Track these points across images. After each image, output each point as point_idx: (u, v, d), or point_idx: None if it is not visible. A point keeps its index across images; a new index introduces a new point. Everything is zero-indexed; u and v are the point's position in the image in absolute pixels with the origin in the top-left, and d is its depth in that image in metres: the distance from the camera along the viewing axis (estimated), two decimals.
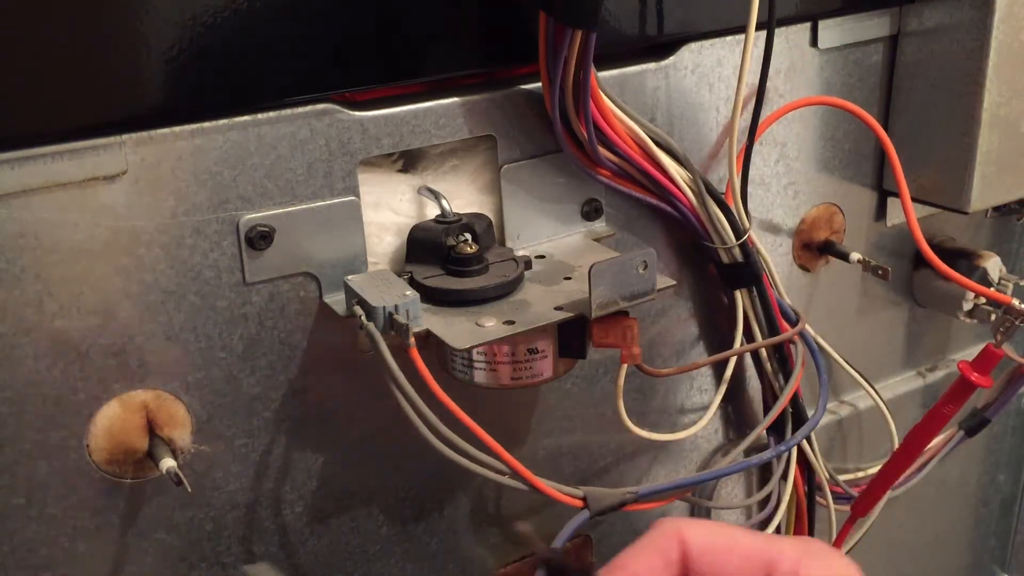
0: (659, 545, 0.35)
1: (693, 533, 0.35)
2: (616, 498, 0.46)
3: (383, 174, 0.50)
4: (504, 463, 0.45)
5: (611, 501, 0.46)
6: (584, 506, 0.46)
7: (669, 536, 0.35)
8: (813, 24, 0.58)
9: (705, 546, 0.35)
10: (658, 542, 0.36)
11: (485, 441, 0.44)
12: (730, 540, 0.35)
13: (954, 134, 0.59)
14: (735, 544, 0.35)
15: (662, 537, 0.36)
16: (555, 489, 0.46)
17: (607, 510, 0.46)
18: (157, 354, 0.46)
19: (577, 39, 0.45)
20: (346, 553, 0.54)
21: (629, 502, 0.45)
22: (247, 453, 0.49)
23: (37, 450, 0.44)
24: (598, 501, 0.46)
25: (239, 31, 0.42)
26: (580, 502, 0.46)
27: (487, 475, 0.45)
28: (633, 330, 0.48)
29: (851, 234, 0.65)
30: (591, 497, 0.46)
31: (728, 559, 0.35)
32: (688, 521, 0.36)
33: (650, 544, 0.36)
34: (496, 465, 0.45)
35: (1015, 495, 0.86)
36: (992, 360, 0.59)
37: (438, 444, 0.44)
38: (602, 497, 0.46)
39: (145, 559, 0.49)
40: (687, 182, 0.53)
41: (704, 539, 0.35)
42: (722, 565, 0.35)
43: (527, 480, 0.45)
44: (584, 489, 0.46)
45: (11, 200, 0.41)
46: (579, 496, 0.46)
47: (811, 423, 0.57)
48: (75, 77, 0.40)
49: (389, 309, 0.44)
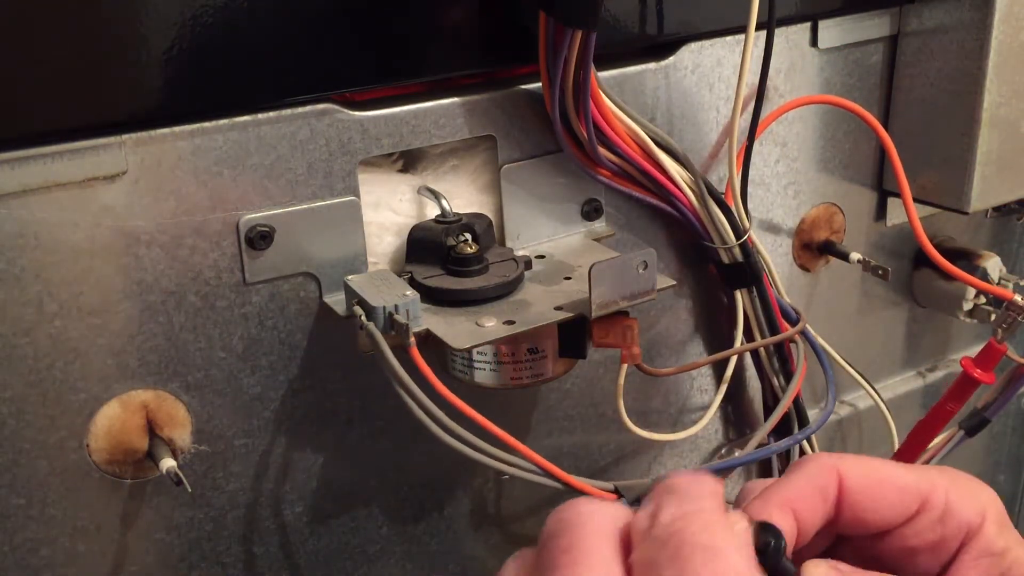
0: (817, 482, 0.34)
1: (850, 469, 0.34)
2: (646, 486, 0.46)
3: (383, 174, 0.50)
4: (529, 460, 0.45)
5: (642, 489, 0.46)
6: (619, 497, 0.46)
7: (827, 472, 0.34)
8: (813, 24, 0.58)
9: (861, 483, 0.34)
10: (816, 478, 0.34)
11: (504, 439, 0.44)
12: (885, 476, 0.34)
13: (954, 134, 0.59)
14: (889, 480, 0.34)
15: (820, 473, 0.34)
16: (587, 484, 0.46)
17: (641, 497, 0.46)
18: (157, 354, 0.46)
19: (577, 39, 0.45)
20: (346, 553, 0.54)
21: None
22: (247, 453, 0.49)
23: (37, 450, 0.44)
24: (631, 491, 0.46)
25: (239, 31, 0.42)
26: (613, 495, 0.47)
27: (515, 473, 0.46)
28: (633, 330, 0.48)
29: (851, 234, 0.65)
30: (623, 488, 0.47)
31: (884, 495, 0.34)
32: (843, 456, 0.35)
33: (808, 480, 0.34)
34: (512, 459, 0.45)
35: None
36: (995, 356, 0.59)
37: (452, 441, 0.44)
38: (633, 487, 0.47)
39: (145, 559, 0.49)
40: (687, 182, 0.53)
41: (860, 476, 0.34)
42: (878, 501, 0.34)
43: (558, 477, 0.46)
44: (615, 482, 0.47)
45: (11, 200, 0.41)
46: (610, 489, 0.47)
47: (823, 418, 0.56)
48: (75, 77, 0.40)
49: (389, 309, 0.44)
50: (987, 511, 0.34)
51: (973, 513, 0.34)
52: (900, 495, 0.34)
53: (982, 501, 0.34)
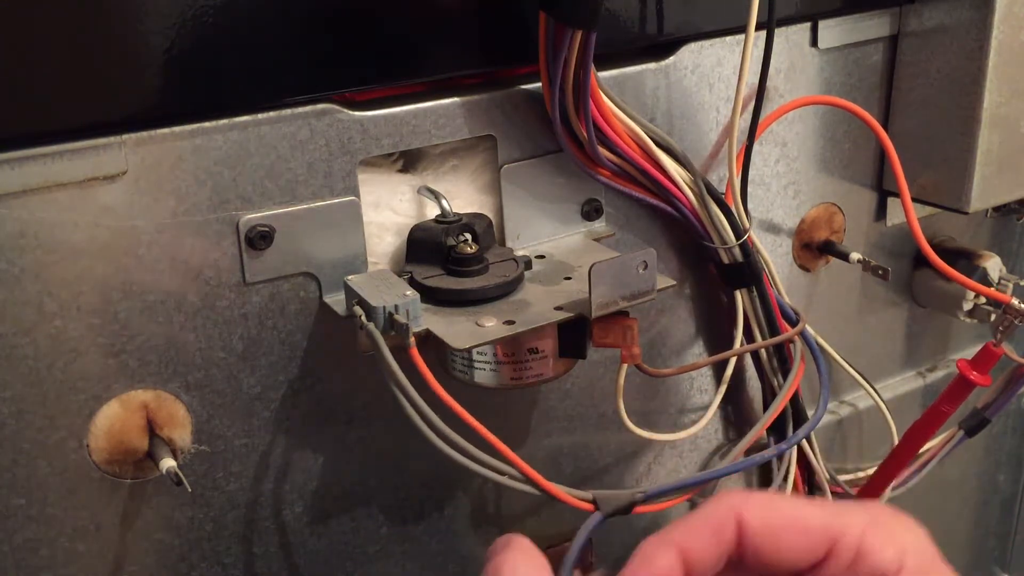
0: (713, 523, 0.33)
1: (751, 511, 0.33)
2: (625, 499, 0.45)
3: (383, 174, 0.50)
4: (513, 465, 0.45)
5: (621, 502, 0.45)
6: (595, 509, 0.46)
7: (725, 513, 0.33)
8: (813, 24, 0.58)
9: (763, 525, 0.33)
10: (712, 519, 0.33)
11: (492, 442, 0.44)
12: (790, 517, 0.33)
13: (954, 134, 0.59)
14: (795, 520, 0.33)
15: (716, 514, 0.33)
16: (565, 492, 0.45)
17: (618, 512, 0.45)
18: (157, 354, 0.46)
19: (577, 39, 0.45)
20: (346, 553, 0.54)
21: (639, 503, 0.44)
22: (247, 453, 0.50)
23: (37, 450, 0.44)
24: (608, 503, 0.45)
25: (239, 31, 0.42)
26: (590, 505, 0.46)
27: (492, 477, 0.45)
28: (633, 330, 0.48)
29: (851, 234, 0.65)
30: (601, 499, 0.45)
31: (788, 537, 0.33)
32: (745, 496, 0.34)
33: (704, 521, 0.33)
34: (500, 466, 0.45)
35: (1015, 495, 0.86)
36: (991, 359, 0.59)
37: (442, 445, 0.44)
38: (612, 499, 0.45)
39: (145, 559, 0.49)
40: (687, 182, 0.53)
41: (762, 518, 0.33)
42: (780, 543, 0.33)
43: (537, 483, 0.45)
44: (593, 492, 0.46)
45: (11, 200, 0.41)
46: (588, 499, 0.46)
47: (812, 421, 0.57)
48: (75, 77, 0.40)
49: (389, 309, 0.44)
50: (906, 557, 0.32)
51: (889, 559, 0.32)
52: (805, 537, 0.33)
53: (902, 545, 0.32)
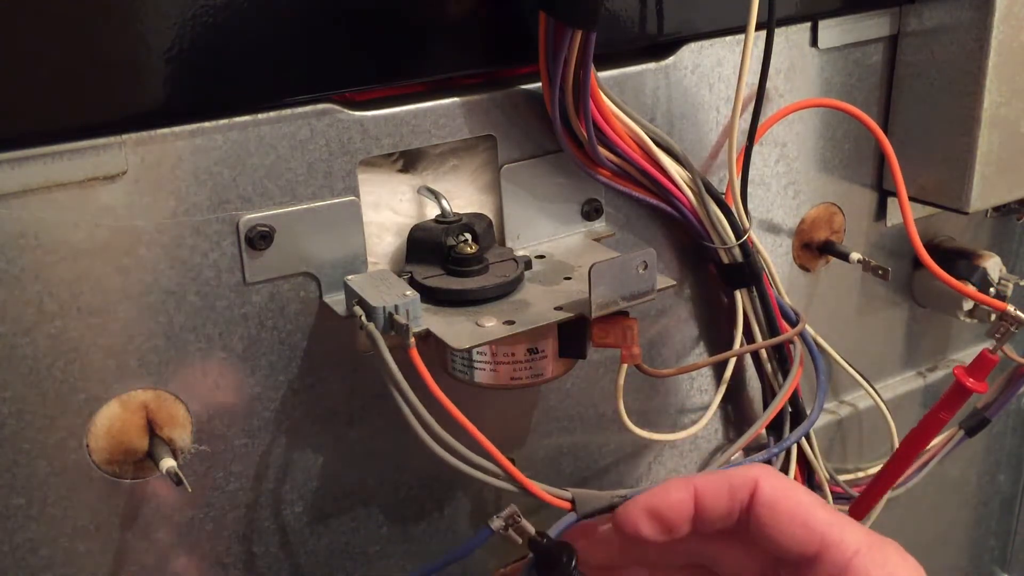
0: (734, 481, 0.36)
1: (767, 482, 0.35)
2: (604, 501, 0.46)
3: (383, 174, 0.50)
4: (497, 464, 0.45)
5: (599, 504, 0.46)
6: (572, 508, 0.46)
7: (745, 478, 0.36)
8: (813, 24, 0.58)
9: (772, 498, 0.35)
10: (734, 478, 0.36)
11: (479, 441, 0.44)
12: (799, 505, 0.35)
13: (954, 134, 0.59)
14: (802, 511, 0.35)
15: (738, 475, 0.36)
16: (544, 491, 0.46)
17: (595, 512, 0.46)
18: (157, 354, 0.46)
19: (577, 39, 0.45)
20: (346, 553, 0.54)
21: (618, 504, 0.45)
22: (247, 453, 0.49)
23: (37, 450, 0.44)
24: (586, 503, 0.46)
25: (239, 31, 0.42)
26: (568, 504, 0.46)
27: (479, 477, 0.45)
28: (633, 330, 0.48)
29: (851, 234, 0.65)
30: (579, 499, 0.46)
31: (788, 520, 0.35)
32: (770, 472, 0.36)
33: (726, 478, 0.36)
34: (489, 468, 0.45)
35: (1015, 495, 0.86)
36: (988, 366, 0.59)
37: (432, 445, 0.44)
38: (590, 499, 0.46)
39: (145, 559, 0.49)
40: (687, 182, 0.53)
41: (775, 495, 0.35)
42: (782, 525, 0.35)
43: (517, 481, 0.45)
44: (573, 491, 0.47)
45: (11, 200, 0.41)
46: (567, 498, 0.46)
47: (808, 422, 0.57)
48: (75, 77, 0.40)
49: (389, 309, 0.44)
50: None
51: None
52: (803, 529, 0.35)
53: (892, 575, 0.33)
